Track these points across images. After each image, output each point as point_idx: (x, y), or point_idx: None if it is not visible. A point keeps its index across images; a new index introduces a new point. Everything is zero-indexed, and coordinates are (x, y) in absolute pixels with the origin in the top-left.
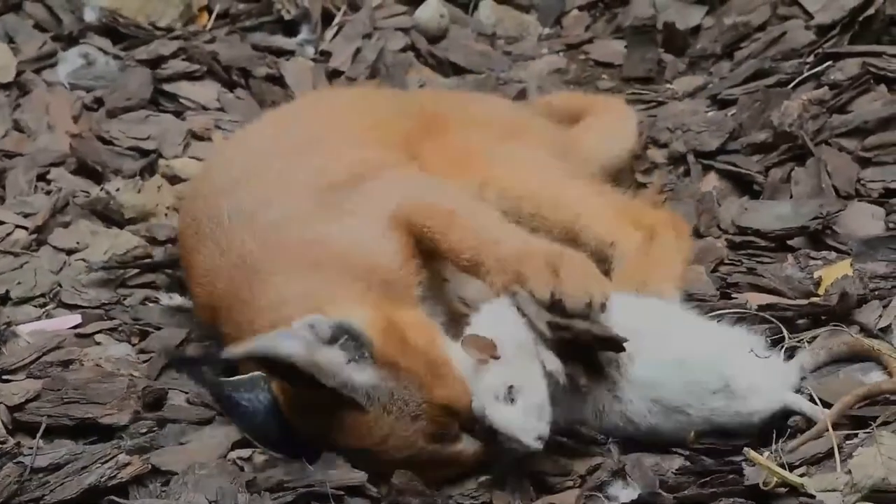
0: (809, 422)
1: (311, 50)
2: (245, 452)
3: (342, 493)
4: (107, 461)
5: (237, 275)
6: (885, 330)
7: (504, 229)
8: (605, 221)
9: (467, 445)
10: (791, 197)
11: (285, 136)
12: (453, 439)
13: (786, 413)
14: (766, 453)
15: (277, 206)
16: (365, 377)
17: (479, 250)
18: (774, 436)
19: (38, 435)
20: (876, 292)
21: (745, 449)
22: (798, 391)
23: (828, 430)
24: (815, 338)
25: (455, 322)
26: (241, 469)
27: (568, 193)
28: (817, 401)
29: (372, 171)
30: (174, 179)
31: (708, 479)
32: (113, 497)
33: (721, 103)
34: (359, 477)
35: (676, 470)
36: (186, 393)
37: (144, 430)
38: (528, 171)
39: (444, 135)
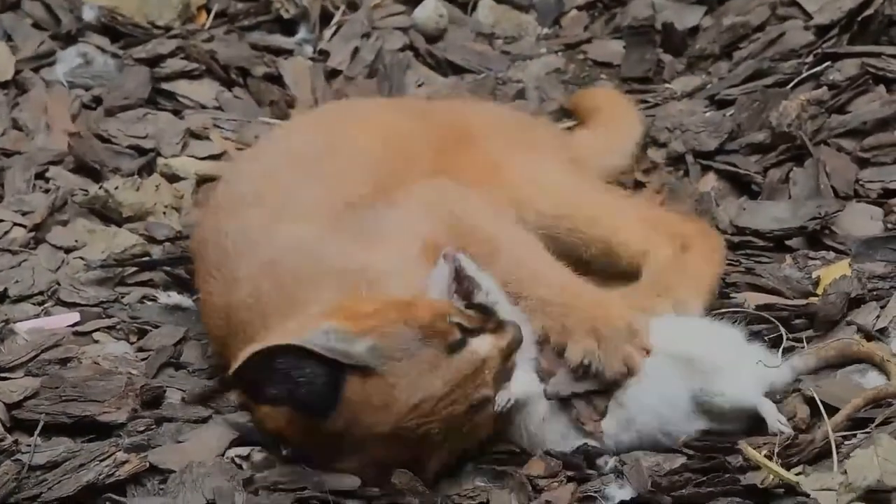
0: (809, 420)
1: (309, 49)
2: (243, 451)
3: (337, 497)
4: (105, 459)
5: (248, 317)
6: (883, 331)
7: (548, 266)
8: (639, 235)
9: (481, 344)
10: (789, 197)
11: (300, 153)
12: (463, 343)
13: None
14: (764, 451)
15: (286, 234)
16: (361, 345)
17: (522, 286)
18: (779, 436)
19: (37, 432)
20: (874, 293)
21: (743, 445)
22: (796, 392)
23: (829, 430)
24: (811, 339)
25: None
26: (240, 468)
27: (602, 208)
28: (819, 404)
29: (395, 186)
30: (173, 178)
31: (705, 478)
32: (111, 495)
33: (719, 103)
34: (352, 482)
35: (674, 469)
36: (183, 391)
37: (142, 428)
38: (560, 188)
39: (469, 149)
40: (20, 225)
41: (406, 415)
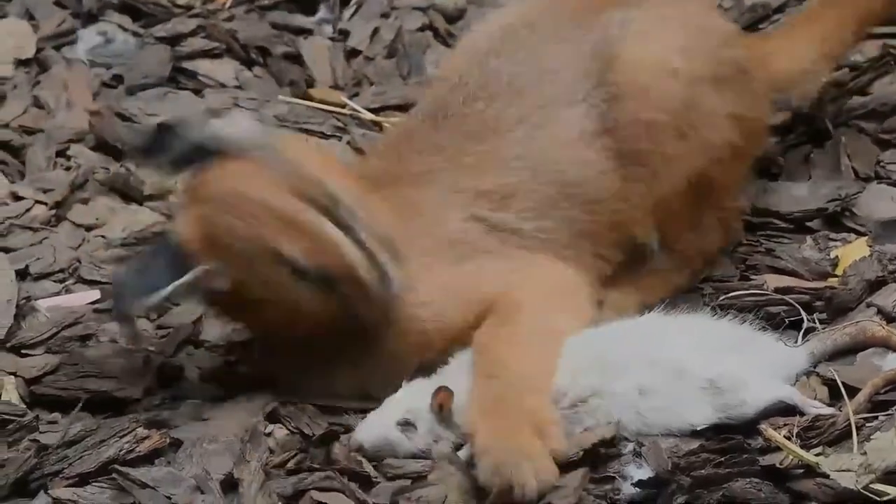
0: (828, 402)
1: (329, 29)
2: (267, 428)
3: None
4: (125, 435)
5: None
6: None
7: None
8: None
9: None
10: (809, 178)
11: None
12: None
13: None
14: (784, 432)
15: None
16: None
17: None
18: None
19: (69, 412)
20: (895, 274)
21: (763, 426)
22: (815, 375)
23: (849, 412)
24: (830, 321)
25: None
26: (254, 445)
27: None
28: (840, 386)
29: None
30: None
31: (723, 458)
32: (116, 466)
33: None
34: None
35: (692, 450)
36: (202, 369)
37: (160, 404)
38: None
39: None
40: (41, 202)
41: None
